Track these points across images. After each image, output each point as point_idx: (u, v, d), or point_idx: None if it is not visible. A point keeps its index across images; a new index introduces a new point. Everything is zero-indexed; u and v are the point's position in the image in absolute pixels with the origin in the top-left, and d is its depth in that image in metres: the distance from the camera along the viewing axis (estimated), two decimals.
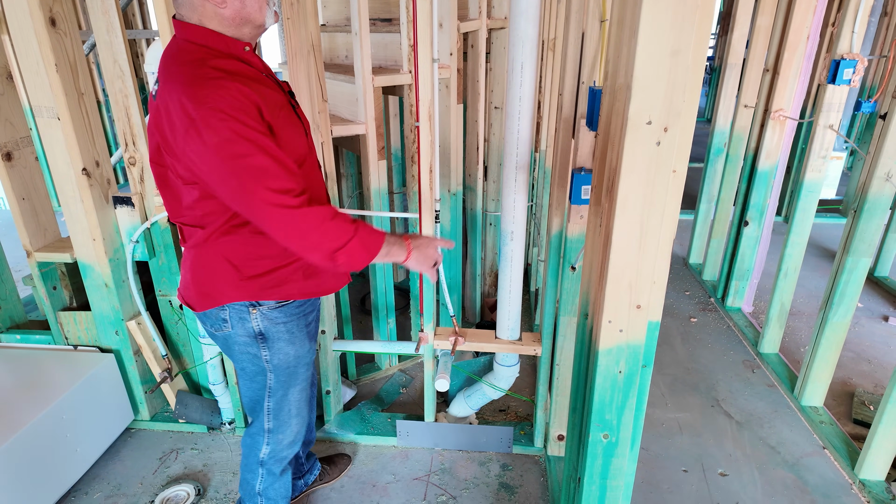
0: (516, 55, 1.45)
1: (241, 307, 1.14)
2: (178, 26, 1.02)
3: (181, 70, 0.96)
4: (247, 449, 1.36)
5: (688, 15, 0.77)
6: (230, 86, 0.93)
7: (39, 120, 1.57)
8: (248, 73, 1.01)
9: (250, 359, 1.21)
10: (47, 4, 1.47)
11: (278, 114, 1.03)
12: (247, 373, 1.24)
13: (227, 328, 1.16)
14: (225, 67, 0.98)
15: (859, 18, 1.88)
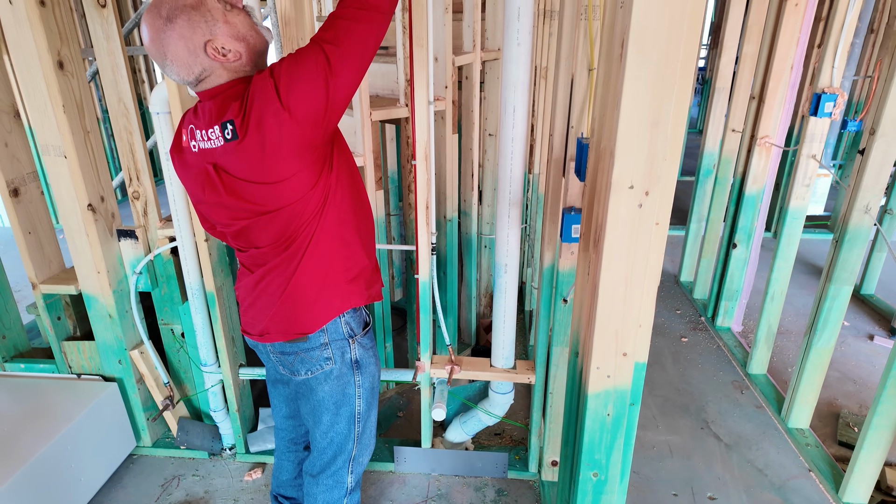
0: (508, 97, 1.51)
1: (342, 342, 1.21)
2: (205, 94, 1.04)
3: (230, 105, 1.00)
4: (326, 493, 1.34)
5: (666, 91, 0.82)
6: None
7: (46, 158, 1.61)
8: None
9: (340, 392, 1.24)
10: (55, 48, 1.52)
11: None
12: (330, 409, 1.25)
13: (329, 364, 1.21)
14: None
15: (839, 54, 1.96)
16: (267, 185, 1.03)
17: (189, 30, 0.97)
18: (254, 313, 1.22)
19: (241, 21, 1.02)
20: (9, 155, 1.70)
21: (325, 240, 1.13)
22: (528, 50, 1.47)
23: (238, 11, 1.02)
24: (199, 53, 0.99)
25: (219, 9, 0.99)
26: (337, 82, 0.98)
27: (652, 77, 0.82)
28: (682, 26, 0.80)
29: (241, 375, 1.93)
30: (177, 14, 0.96)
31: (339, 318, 1.20)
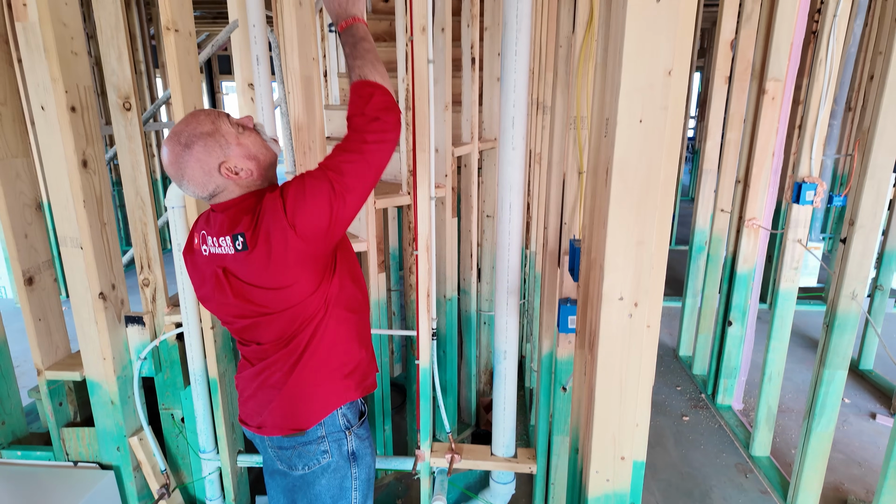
0: (505, 196, 1.60)
1: (339, 433, 1.22)
2: (218, 206, 1.12)
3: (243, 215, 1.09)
4: None
5: (649, 214, 0.90)
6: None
7: (63, 249, 1.68)
8: None
9: (338, 486, 1.24)
10: (81, 148, 1.63)
11: None
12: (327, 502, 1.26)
13: (327, 458, 1.22)
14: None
15: (815, 146, 2.09)
16: (272, 289, 1.10)
17: (205, 154, 1.06)
18: (253, 405, 1.25)
19: (252, 141, 1.11)
20: (28, 246, 1.77)
21: (324, 338, 1.18)
22: (522, 155, 1.57)
23: (250, 132, 1.11)
24: (214, 174, 1.07)
25: (232, 133, 1.08)
26: (341, 206, 1.06)
27: (635, 202, 0.89)
28: (661, 157, 0.88)
29: (240, 463, 1.91)
30: (194, 141, 1.05)
31: (337, 412, 1.23)
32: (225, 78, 11.71)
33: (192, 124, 1.06)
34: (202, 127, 1.06)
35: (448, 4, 2.07)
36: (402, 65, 2.11)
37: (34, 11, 1.46)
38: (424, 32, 1.46)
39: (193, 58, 1.58)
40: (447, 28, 2.09)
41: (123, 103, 1.67)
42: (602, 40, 1.06)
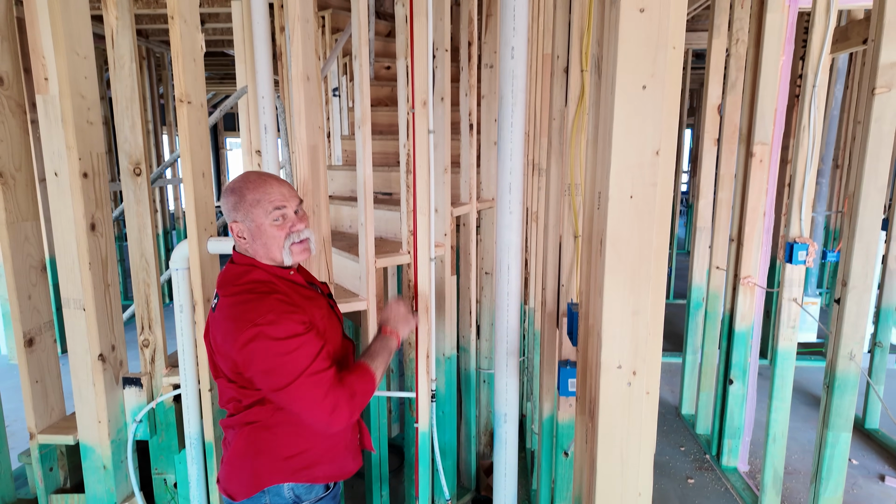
0: (503, 258, 1.64)
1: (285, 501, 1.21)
2: (234, 255, 1.23)
3: (230, 289, 1.15)
4: None
5: (643, 284, 0.93)
6: (267, 301, 1.11)
7: (66, 310, 1.70)
8: (284, 288, 1.18)
9: None
10: (90, 212, 1.67)
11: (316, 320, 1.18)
12: None
13: None
14: (261, 279, 1.16)
15: (804, 207, 2.14)
16: (221, 356, 1.16)
17: (229, 206, 1.17)
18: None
19: (273, 234, 1.17)
20: (31, 307, 1.78)
21: (269, 419, 1.20)
22: (519, 218, 1.62)
23: (279, 229, 1.17)
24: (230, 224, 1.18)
25: (263, 211, 1.15)
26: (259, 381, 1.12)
27: (629, 273, 0.92)
28: (653, 230, 0.92)
29: None
30: (232, 190, 1.17)
31: (283, 485, 1.22)
32: (229, 134, 12.05)
33: (246, 181, 1.17)
34: (246, 188, 1.16)
35: (447, 75, 2.18)
36: (404, 131, 2.20)
37: (55, 85, 1.54)
38: (425, 106, 1.54)
39: (204, 127, 1.65)
40: (446, 97, 2.19)
41: (134, 169, 1.73)
42: (593, 118, 1.12)
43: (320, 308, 1.24)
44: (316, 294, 1.27)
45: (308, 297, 1.23)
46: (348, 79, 3.73)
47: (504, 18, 1.45)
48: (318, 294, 1.28)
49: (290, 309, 1.11)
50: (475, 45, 2.32)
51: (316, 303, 1.24)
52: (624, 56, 0.85)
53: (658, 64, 0.85)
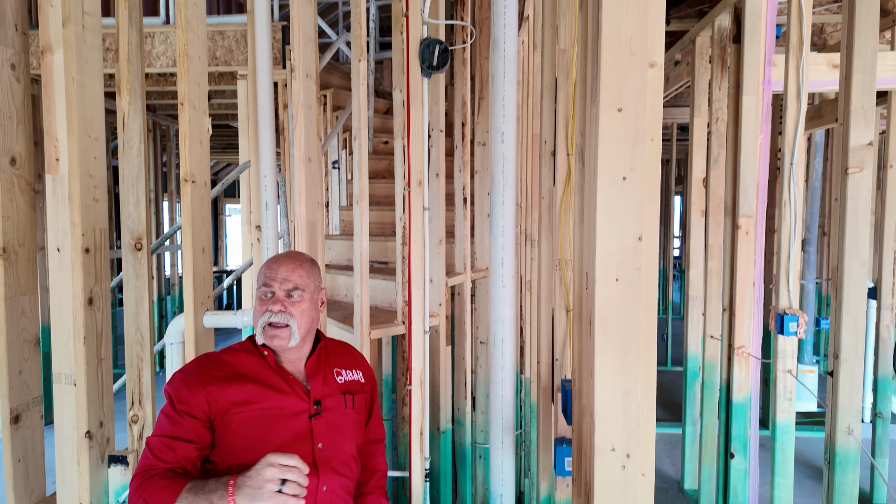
0: (497, 331, 1.66)
1: None
2: None
3: None
4: None
5: (633, 364, 0.94)
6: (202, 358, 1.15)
7: (56, 385, 1.68)
8: (247, 363, 1.14)
9: None
10: (89, 286, 1.69)
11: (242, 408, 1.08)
12: None
13: None
14: (238, 345, 1.18)
15: (791, 279, 2.19)
16: None
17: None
18: None
19: (256, 307, 1.17)
20: (20, 383, 1.76)
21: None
22: (512, 292, 1.66)
23: (259, 303, 1.15)
24: None
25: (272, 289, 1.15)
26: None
27: (619, 354, 0.94)
28: (639, 311, 0.95)
29: None
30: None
31: None
32: (229, 201, 12.28)
33: (274, 255, 1.22)
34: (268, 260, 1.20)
35: (442, 152, 2.28)
36: (400, 205, 2.27)
37: (65, 166, 1.61)
38: (421, 185, 1.61)
39: (206, 204, 1.70)
40: (441, 173, 2.28)
41: (135, 244, 1.77)
42: (578, 200, 1.18)
43: (277, 404, 1.10)
44: (288, 389, 1.13)
45: (272, 385, 1.12)
46: (348, 152, 3.88)
47: (494, 106, 1.54)
48: (290, 391, 1.13)
49: (202, 377, 1.08)
50: (468, 125, 2.44)
51: (276, 396, 1.11)
52: (604, 150, 0.91)
53: (636, 157, 0.91)
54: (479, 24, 2.56)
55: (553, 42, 1.44)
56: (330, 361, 1.24)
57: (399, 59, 1.80)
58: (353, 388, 1.24)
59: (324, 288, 1.25)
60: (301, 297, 1.15)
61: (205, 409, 1.08)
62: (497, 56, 1.48)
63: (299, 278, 1.15)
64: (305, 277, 1.17)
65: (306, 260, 1.20)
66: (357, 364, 1.30)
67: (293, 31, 1.55)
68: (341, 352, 1.31)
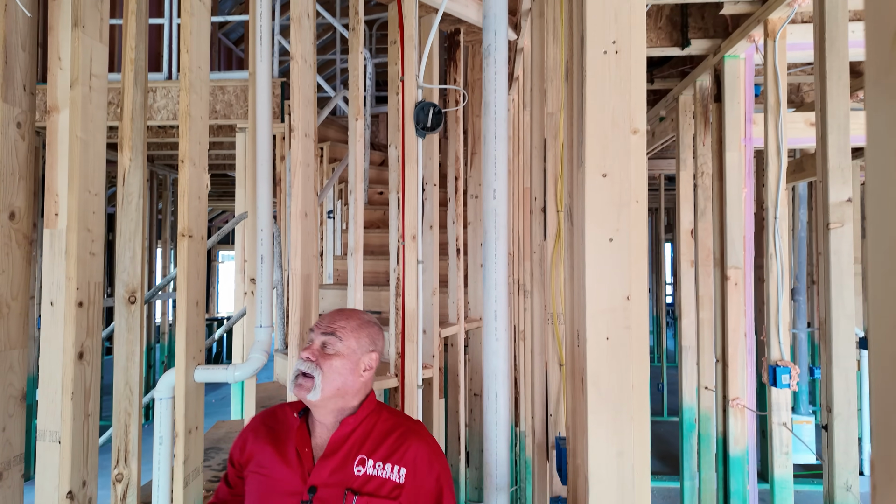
0: (490, 385, 1.65)
1: None
2: None
3: None
4: None
5: (625, 424, 0.95)
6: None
7: (41, 443, 1.64)
8: (283, 416, 1.11)
9: None
10: (80, 341, 1.68)
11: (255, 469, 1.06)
12: None
13: None
14: (277, 409, 1.15)
15: (781, 331, 2.21)
16: None
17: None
18: None
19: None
20: (3, 440, 1.72)
21: None
22: (506, 345, 1.66)
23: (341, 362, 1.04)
24: None
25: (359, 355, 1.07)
26: None
27: (611, 413, 0.95)
28: (630, 369, 0.96)
29: None
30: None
31: None
32: (222, 247, 12.29)
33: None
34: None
35: (436, 205, 2.33)
36: (394, 256, 2.30)
37: (64, 220, 1.63)
38: (415, 240, 1.64)
39: (202, 258, 1.72)
40: (435, 225, 2.32)
41: (129, 297, 1.78)
42: (567, 258, 1.21)
43: (278, 476, 1.03)
44: (294, 462, 1.03)
45: (283, 454, 1.05)
46: (343, 203, 3.94)
47: (486, 164, 1.60)
48: (295, 465, 1.03)
49: (253, 425, 1.13)
50: (461, 178, 2.51)
51: (281, 467, 1.03)
52: (591, 213, 0.95)
53: (622, 220, 0.95)
54: (472, 85, 2.67)
55: (541, 105, 1.51)
56: (366, 442, 1.02)
57: (395, 118, 1.87)
58: (372, 490, 0.98)
59: (375, 352, 1.08)
60: (335, 350, 1.03)
61: (238, 459, 1.11)
62: (488, 118, 1.54)
63: (340, 331, 1.05)
64: (348, 333, 1.05)
65: (359, 318, 1.09)
66: (407, 458, 1.01)
67: (293, 94, 1.62)
68: (393, 434, 1.04)
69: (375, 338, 1.10)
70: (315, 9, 1.69)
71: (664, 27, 2.66)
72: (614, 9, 0.93)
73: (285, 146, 3.46)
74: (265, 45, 1.78)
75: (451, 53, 2.34)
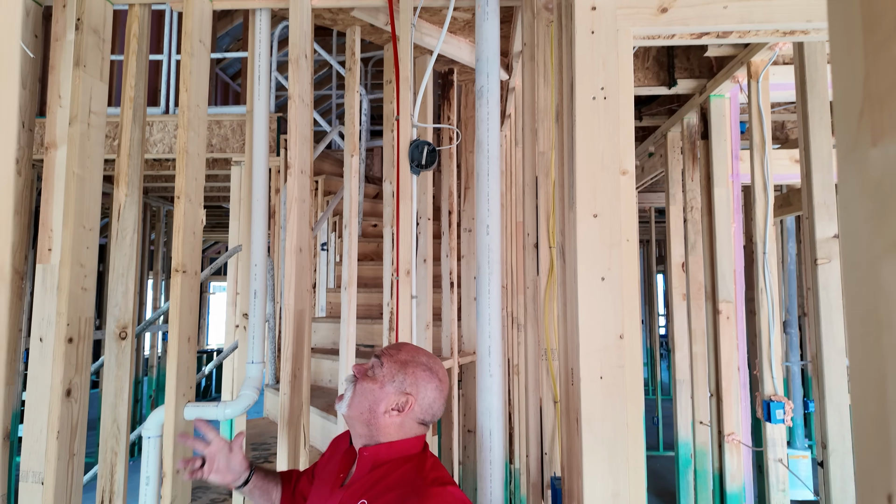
0: (484, 423, 1.63)
1: None
2: None
3: None
4: None
5: (620, 466, 0.94)
6: None
7: (23, 484, 1.59)
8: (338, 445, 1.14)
9: None
10: (69, 377, 1.66)
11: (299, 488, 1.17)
12: None
13: None
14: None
15: (774, 365, 2.21)
16: None
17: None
18: None
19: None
20: None
21: None
22: (500, 381, 1.65)
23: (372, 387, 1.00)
24: None
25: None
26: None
27: (606, 453, 0.94)
28: (624, 408, 0.96)
29: None
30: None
31: None
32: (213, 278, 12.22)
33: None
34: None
35: (430, 239, 2.35)
36: (388, 290, 2.30)
37: (57, 255, 1.63)
38: (409, 275, 1.65)
39: (195, 294, 1.72)
40: (429, 259, 2.34)
41: (120, 333, 1.76)
42: (561, 294, 1.22)
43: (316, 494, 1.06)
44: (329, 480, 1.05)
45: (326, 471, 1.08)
46: (337, 235, 3.96)
47: (479, 201, 1.62)
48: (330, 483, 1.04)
49: (333, 440, 1.18)
50: (455, 213, 2.53)
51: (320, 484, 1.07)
52: (583, 253, 0.96)
53: (613, 259, 0.97)
54: (465, 121, 2.72)
55: (533, 144, 1.55)
56: (374, 487, 0.96)
57: (390, 154, 1.90)
58: None
59: (411, 398, 0.99)
60: (373, 375, 1.01)
61: (313, 469, 1.17)
62: (482, 156, 1.58)
63: (386, 357, 1.02)
64: (391, 362, 1.01)
65: (411, 355, 1.04)
66: None
67: (290, 132, 1.65)
68: (395, 491, 0.94)
69: (419, 383, 1.00)
70: (312, 50, 1.74)
71: (651, 67, 2.74)
72: (602, 57, 0.96)
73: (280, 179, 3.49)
74: (263, 84, 1.82)
75: (444, 92, 2.40)
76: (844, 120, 0.24)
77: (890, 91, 0.18)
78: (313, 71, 1.88)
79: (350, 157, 1.94)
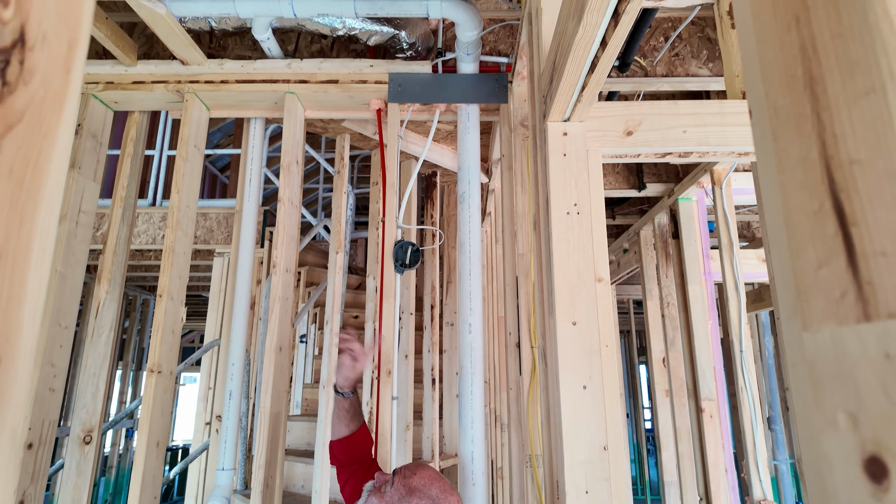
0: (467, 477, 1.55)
1: None
2: None
3: None
4: None
5: None
6: None
7: None
8: None
9: None
10: (23, 488, 1.55)
11: None
12: None
13: None
14: None
15: (761, 468, 2.17)
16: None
17: None
18: None
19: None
20: None
21: None
22: (483, 490, 1.59)
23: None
24: None
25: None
26: None
27: None
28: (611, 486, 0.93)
29: None
30: None
31: None
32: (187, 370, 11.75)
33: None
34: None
35: (412, 335, 2.34)
36: (368, 387, 2.25)
37: None
38: (390, 375, 1.63)
39: (169, 395, 1.66)
40: (410, 355, 2.32)
41: (85, 437, 1.67)
42: (544, 399, 1.22)
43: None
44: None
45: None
46: (317, 327, 3.91)
47: (461, 299, 1.65)
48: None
49: None
50: (437, 307, 2.55)
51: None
52: (564, 361, 0.98)
53: (594, 366, 0.98)
54: (447, 219, 2.82)
55: (513, 245, 1.61)
56: None
57: (374, 251, 1.95)
58: None
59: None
60: (384, 491, 1.05)
61: None
62: (463, 256, 1.63)
63: (398, 481, 1.05)
64: (401, 489, 1.04)
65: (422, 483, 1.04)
66: None
67: (277, 232, 1.69)
68: None
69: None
70: (304, 157, 1.83)
71: (622, 172, 2.92)
72: (574, 176, 1.04)
73: (262, 271, 3.51)
74: (254, 185, 1.89)
75: (428, 192, 2.51)
76: (782, 298, 0.28)
77: (812, 287, 0.22)
78: (303, 174, 1.96)
79: (335, 254, 1.98)
